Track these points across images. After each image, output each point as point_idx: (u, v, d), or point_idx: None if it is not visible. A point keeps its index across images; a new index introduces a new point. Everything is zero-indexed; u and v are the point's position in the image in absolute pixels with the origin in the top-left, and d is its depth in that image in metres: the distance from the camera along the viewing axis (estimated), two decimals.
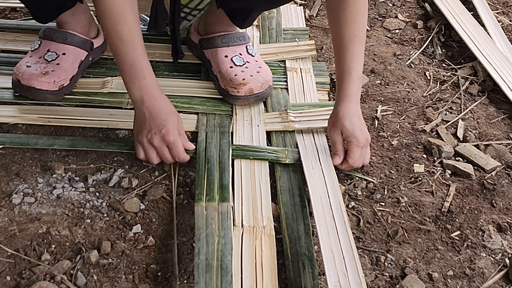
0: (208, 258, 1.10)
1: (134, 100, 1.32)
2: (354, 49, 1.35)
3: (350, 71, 1.35)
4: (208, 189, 1.26)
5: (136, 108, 1.32)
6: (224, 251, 1.11)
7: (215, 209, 1.21)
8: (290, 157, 1.37)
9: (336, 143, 1.35)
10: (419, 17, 1.98)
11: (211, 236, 1.15)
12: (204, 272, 1.08)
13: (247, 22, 1.53)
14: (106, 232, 1.22)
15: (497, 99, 1.67)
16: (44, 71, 1.44)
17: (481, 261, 1.22)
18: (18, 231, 1.20)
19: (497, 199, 1.36)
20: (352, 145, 1.33)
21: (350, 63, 1.35)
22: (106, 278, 1.13)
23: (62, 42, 1.49)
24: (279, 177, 1.33)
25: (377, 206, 1.32)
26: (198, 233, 1.15)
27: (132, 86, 1.31)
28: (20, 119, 1.42)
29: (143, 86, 1.30)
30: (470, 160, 1.45)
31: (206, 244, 1.13)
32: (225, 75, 1.49)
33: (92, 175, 1.33)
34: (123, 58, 1.29)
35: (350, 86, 1.35)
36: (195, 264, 1.09)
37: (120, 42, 1.28)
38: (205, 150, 1.35)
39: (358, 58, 1.36)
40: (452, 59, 1.81)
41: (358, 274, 1.08)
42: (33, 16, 1.51)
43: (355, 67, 1.35)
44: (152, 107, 1.30)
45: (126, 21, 1.28)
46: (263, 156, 1.36)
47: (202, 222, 1.18)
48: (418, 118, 1.58)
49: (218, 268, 1.08)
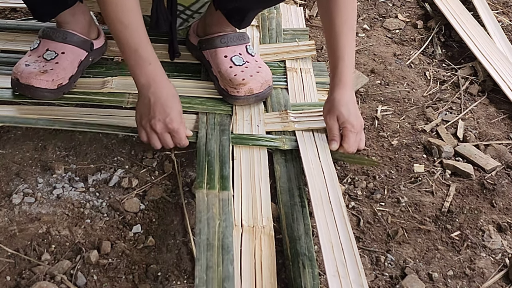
0: (209, 238, 1.10)
1: (140, 85, 1.33)
2: (346, 36, 1.38)
3: (343, 56, 1.38)
4: (209, 178, 1.27)
5: (140, 92, 1.33)
6: (225, 233, 1.11)
7: (216, 196, 1.22)
8: (288, 143, 1.40)
9: (333, 129, 1.38)
10: (419, 17, 1.98)
11: (212, 219, 1.15)
12: (205, 250, 1.07)
13: (244, 23, 1.54)
14: (106, 232, 1.21)
15: (497, 99, 1.67)
16: (43, 69, 1.44)
17: (481, 261, 1.22)
18: (18, 231, 1.20)
19: (497, 199, 1.36)
20: (348, 130, 1.36)
21: (342, 49, 1.37)
22: (106, 278, 1.13)
23: (62, 41, 1.49)
24: (279, 178, 1.33)
25: (377, 206, 1.32)
26: (199, 216, 1.15)
27: (137, 71, 1.31)
28: (19, 119, 1.42)
29: (149, 73, 1.31)
30: (470, 160, 1.45)
31: (207, 225, 1.13)
32: (225, 75, 1.49)
33: (92, 175, 1.33)
34: (126, 42, 1.29)
35: (344, 71, 1.38)
36: (196, 242, 1.09)
37: (123, 27, 1.28)
38: (206, 145, 1.36)
39: (350, 44, 1.39)
40: (452, 59, 1.81)
41: (359, 273, 1.08)
42: (33, 14, 1.51)
43: (348, 52, 1.38)
44: (157, 94, 1.31)
45: (129, 9, 1.28)
46: (261, 143, 1.39)
47: (203, 206, 1.18)
48: (418, 118, 1.58)
49: (220, 247, 1.08)
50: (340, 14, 1.37)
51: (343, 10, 1.37)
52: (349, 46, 1.39)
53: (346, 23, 1.38)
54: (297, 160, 1.37)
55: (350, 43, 1.39)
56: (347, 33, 1.38)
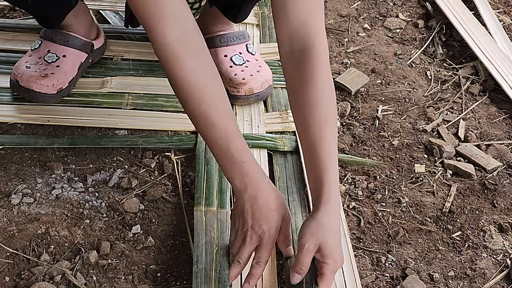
0: (207, 268, 1.09)
1: (234, 187, 1.10)
2: (327, 138, 1.11)
3: (327, 167, 1.10)
4: (207, 192, 1.26)
5: (236, 195, 1.11)
6: (222, 264, 1.10)
7: (214, 215, 1.21)
8: (288, 145, 1.39)
9: (306, 258, 1.05)
10: (420, 16, 1.98)
11: (210, 244, 1.14)
12: (203, 283, 1.07)
13: (240, 16, 1.51)
14: (106, 233, 1.21)
15: (498, 98, 1.66)
16: (44, 73, 1.43)
17: (482, 262, 1.22)
18: (17, 231, 1.19)
19: (499, 200, 1.35)
20: (329, 269, 1.06)
21: (325, 157, 1.10)
22: (105, 278, 1.13)
23: (63, 44, 1.48)
24: (278, 178, 1.33)
25: (378, 206, 1.32)
26: (197, 240, 1.15)
27: (230, 171, 1.09)
28: (19, 119, 1.42)
29: (242, 171, 1.08)
30: (471, 160, 1.44)
31: (204, 252, 1.12)
32: (225, 74, 1.49)
33: (92, 175, 1.33)
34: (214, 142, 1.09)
35: (332, 184, 1.10)
36: (194, 272, 1.09)
37: (209, 126, 1.08)
38: (205, 150, 1.35)
39: (333, 148, 1.12)
40: (453, 58, 1.80)
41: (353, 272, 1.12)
42: (43, 23, 1.49)
43: (332, 158, 1.11)
44: (254, 198, 1.08)
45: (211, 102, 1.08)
46: (261, 144, 1.38)
47: (201, 228, 1.17)
48: (419, 118, 1.57)
49: (216, 280, 1.08)
50: (318, 112, 1.11)
51: (320, 105, 1.11)
52: (332, 150, 1.11)
53: (327, 122, 1.11)
54: (296, 161, 1.36)
55: (333, 146, 1.12)
56: (328, 135, 1.11)
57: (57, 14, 1.46)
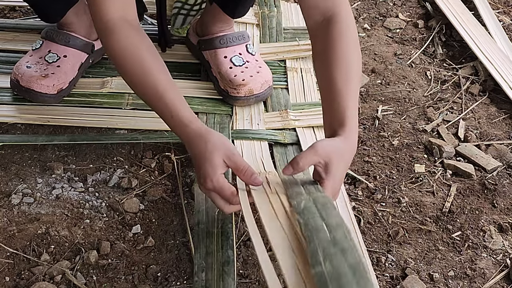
0: (208, 226, 1.07)
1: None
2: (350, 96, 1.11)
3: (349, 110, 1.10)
4: None
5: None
6: (225, 220, 1.08)
7: None
8: (289, 138, 1.40)
9: (307, 160, 1.04)
10: (420, 16, 1.98)
11: (211, 209, 1.13)
12: (204, 238, 1.05)
13: (238, 11, 1.52)
14: (106, 233, 1.21)
15: (498, 99, 1.66)
16: (44, 73, 1.43)
17: (482, 262, 1.22)
18: (17, 231, 1.19)
19: (498, 200, 1.35)
20: (328, 185, 1.05)
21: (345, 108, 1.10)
22: (105, 278, 1.13)
23: (64, 45, 1.49)
24: (279, 165, 1.33)
25: (378, 206, 1.32)
26: (198, 207, 1.13)
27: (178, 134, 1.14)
28: (19, 119, 1.42)
29: (172, 125, 1.13)
30: (471, 160, 1.44)
31: (206, 215, 1.10)
32: (225, 76, 1.49)
33: (92, 175, 1.33)
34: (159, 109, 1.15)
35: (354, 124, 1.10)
36: (194, 232, 1.07)
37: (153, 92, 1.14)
38: None
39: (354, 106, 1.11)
40: (453, 58, 1.80)
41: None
42: (44, 18, 1.50)
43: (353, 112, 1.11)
44: (194, 157, 1.10)
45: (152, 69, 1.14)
46: (262, 137, 1.39)
47: (202, 198, 1.16)
48: (419, 118, 1.57)
49: (219, 234, 1.04)
50: (344, 66, 1.12)
51: (345, 64, 1.13)
52: (354, 99, 1.11)
53: (351, 76, 1.12)
54: (297, 151, 1.37)
55: (355, 98, 1.12)
56: (352, 87, 1.11)
57: (59, 8, 1.47)
